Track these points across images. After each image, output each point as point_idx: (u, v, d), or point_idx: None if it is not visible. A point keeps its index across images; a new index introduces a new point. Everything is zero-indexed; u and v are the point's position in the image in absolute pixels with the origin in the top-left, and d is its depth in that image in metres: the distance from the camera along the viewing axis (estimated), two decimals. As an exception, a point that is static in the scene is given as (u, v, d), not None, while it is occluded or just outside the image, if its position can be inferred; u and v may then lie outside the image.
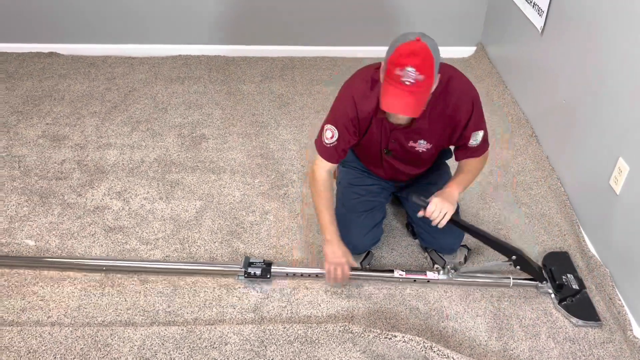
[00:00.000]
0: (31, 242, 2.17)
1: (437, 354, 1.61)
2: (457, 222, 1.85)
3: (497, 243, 1.92)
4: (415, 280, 1.99)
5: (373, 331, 1.70)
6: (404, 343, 1.66)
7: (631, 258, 1.92)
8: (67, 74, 3.33)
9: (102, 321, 1.88)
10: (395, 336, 1.67)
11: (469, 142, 1.85)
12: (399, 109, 1.57)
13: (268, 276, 1.99)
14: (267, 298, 1.98)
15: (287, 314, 1.93)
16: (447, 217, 1.78)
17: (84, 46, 3.52)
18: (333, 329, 1.75)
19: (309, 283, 2.04)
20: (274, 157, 2.70)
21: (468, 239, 2.12)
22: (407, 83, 1.51)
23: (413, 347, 1.65)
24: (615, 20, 2.05)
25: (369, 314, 1.93)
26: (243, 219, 2.33)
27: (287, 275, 2.02)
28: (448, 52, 3.61)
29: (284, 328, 1.77)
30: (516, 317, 1.93)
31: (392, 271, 1.99)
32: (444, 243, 2.08)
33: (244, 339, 1.75)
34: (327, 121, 1.85)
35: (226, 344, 1.74)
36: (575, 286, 1.96)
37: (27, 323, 1.85)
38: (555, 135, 2.59)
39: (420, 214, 1.81)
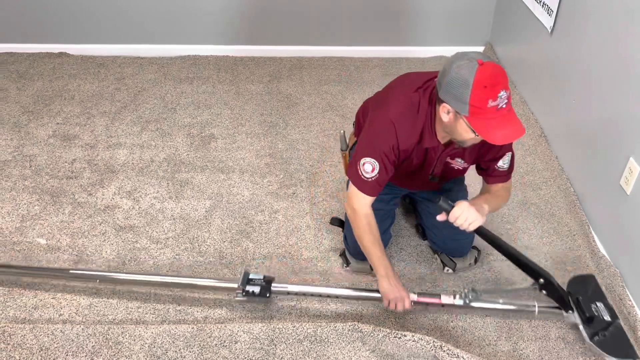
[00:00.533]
0: (42, 241, 2.19)
1: (447, 354, 1.61)
2: (482, 233, 1.72)
3: (524, 262, 1.74)
4: (427, 306, 1.82)
5: (382, 330, 1.70)
6: (413, 342, 1.66)
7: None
8: (77, 74, 3.36)
9: (113, 319, 1.89)
10: (405, 335, 1.67)
11: (498, 164, 1.75)
12: (514, 136, 1.45)
13: (267, 295, 1.85)
14: (277, 296, 1.99)
15: (296, 312, 1.93)
16: (474, 227, 1.63)
17: (93, 46, 3.55)
18: (342, 328, 1.76)
19: (318, 282, 2.05)
20: (283, 156, 2.71)
21: (478, 239, 2.11)
22: (504, 106, 1.42)
23: (423, 347, 1.65)
24: (625, 19, 2.04)
25: (378, 312, 1.93)
26: (252, 218, 2.34)
27: (288, 293, 1.90)
28: (455, 52, 3.62)
29: (294, 327, 1.78)
30: (525, 317, 1.93)
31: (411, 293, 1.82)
32: (454, 246, 2.05)
33: (254, 337, 1.76)
34: (364, 153, 1.66)
35: (236, 343, 1.75)
36: (607, 317, 1.75)
37: (39, 321, 1.87)
38: (564, 135, 2.58)
39: (441, 217, 1.67)
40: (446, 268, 2.06)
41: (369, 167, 1.65)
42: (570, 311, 1.77)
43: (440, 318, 1.92)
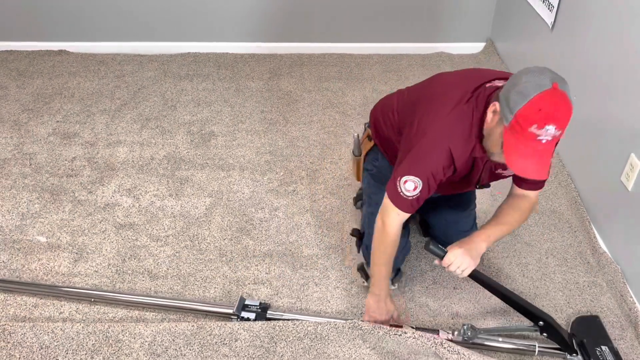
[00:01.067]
0: (42, 239, 2.19)
1: (448, 350, 1.60)
2: (476, 277, 1.67)
3: (523, 306, 1.72)
4: (442, 344, 1.69)
5: (383, 328, 1.70)
6: (414, 340, 1.66)
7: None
8: (76, 71, 3.35)
9: (113, 317, 1.89)
10: (406, 333, 1.67)
11: None
12: (533, 173, 1.34)
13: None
14: (277, 294, 1.99)
15: (297, 310, 1.93)
16: (466, 273, 1.60)
17: (93, 44, 3.54)
18: (342, 326, 1.75)
19: (317, 279, 2.05)
20: (283, 154, 2.70)
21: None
22: (544, 141, 1.28)
23: (423, 344, 1.65)
24: (626, 16, 2.03)
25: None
26: (252, 215, 2.34)
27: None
28: (457, 49, 3.61)
29: (294, 324, 1.77)
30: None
31: (400, 326, 1.77)
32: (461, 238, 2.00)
33: (254, 335, 1.76)
34: (409, 171, 1.52)
35: (236, 340, 1.75)
36: None
37: (39, 319, 1.87)
38: (566, 131, 2.56)
39: (437, 262, 1.63)
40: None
41: (411, 186, 1.52)
42: (574, 354, 1.73)
43: (441, 316, 1.92)
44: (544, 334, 1.74)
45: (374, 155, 1.95)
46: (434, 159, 1.50)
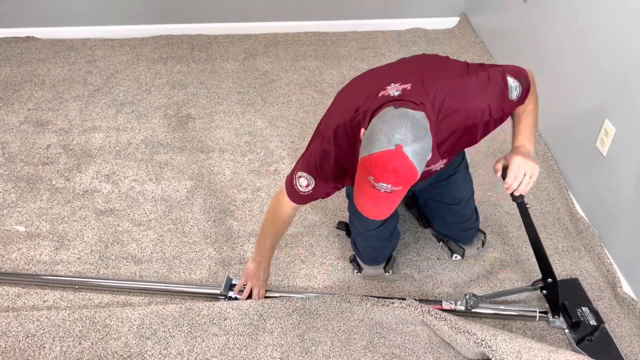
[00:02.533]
0: (21, 228, 2.15)
1: (435, 317, 1.64)
2: (524, 210, 1.63)
3: (543, 255, 1.71)
4: (430, 312, 1.71)
5: (370, 299, 1.72)
6: (401, 309, 1.68)
7: (618, 218, 1.96)
8: (46, 58, 3.26)
9: (99, 303, 1.87)
10: (393, 302, 1.69)
11: (511, 96, 1.54)
12: (371, 214, 1.32)
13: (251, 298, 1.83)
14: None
15: (284, 287, 1.94)
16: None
17: (61, 29, 3.44)
18: (330, 299, 1.77)
19: (303, 257, 2.06)
20: (263, 134, 2.69)
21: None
22: (382, 191, 1.25)
23: (411, 312, 1.67)
24: (598, -18, 2.06)
25: (364, 283, 1.95)
26: (235, 196, 2.33)
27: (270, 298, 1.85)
28: (432, 24, 3.61)
29: (282, 301, 1.78)
30: (509, 280, 1.97)
31: (404, 299, 1.78)
32: (461, 232, 1.99)
33: (243, 313, 1.77)
34: (302, 167, 1.52)
35: (225, 319, 1.76)
36: (592, 322, 1.76)
37: (23, 308, 1.85)
38: (541, 100, 2.59)
39: (505, 186, 1.53)
40: (454, 255, 2.03)
41: (304, 182, 1.53)
42: (556, 317, 1.78)
43: (426, 285, 1.95)
44: (544, 292, 1.76)
45: None
46: (327, 166, 1.49)
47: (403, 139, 1.22)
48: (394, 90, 1.41)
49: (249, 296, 1.83)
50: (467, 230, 2.00)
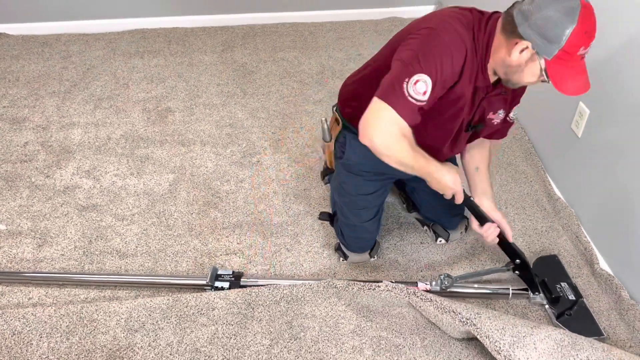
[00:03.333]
0: (2, 227, 2.12)
1: (421, 299, 1.67)
2: (472, 207, 1.76)
3: (506, 242, 1.79)
4: (415, 293, 1.74)
5: (357, 284, 1.74)
6: (387, 292, 1.71)
7: (594, 197, 2.02)
8: (19, 54, 3.20)
9: (86, 298, 1.87)
10: (379, 286, 1.72)
11: (511, 114, 1.63)
12: (584, 89, 1.33)
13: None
14: (250, 263, 2.00)
15: (270, 276, 1.96)
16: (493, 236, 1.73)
17: (34, 25, 3.37)
18: (317, 286, 1.79)
19: (289, 245, 2.07)
20: (244, 125, 2.69)
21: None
22: (585, 57, 1.30)
23: (397, 295, 1.71)
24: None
25: (350, 269, 1.98)
26: (218, 188, 2.33)
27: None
28: (408, 13, 3.64)
29: (269, 289, 1.80)
30: (490, 260, 2.02)
31: (380, 282, 1.79)
32: (448, 217, 2.02)
33: (231, 302, 1.78)
34: (422, 68, 1.32)
35: (213, 309, 1.76)
36: (571, 296, 1.81)
37: (8, 306, 1.83)
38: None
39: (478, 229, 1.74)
40: (439, 239, 2.06)
41: (422, 88, 1.31)
42: (537, 293, 1.82)
43: (410, 269, 1.99)
44: (517, 272, 1.81)
45: (342, 140, 1.76)
46: (450, 56, 1.34)
47: None
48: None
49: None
50: (454, 216, 2.04)
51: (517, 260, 1.80)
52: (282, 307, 1.77)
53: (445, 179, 1.53)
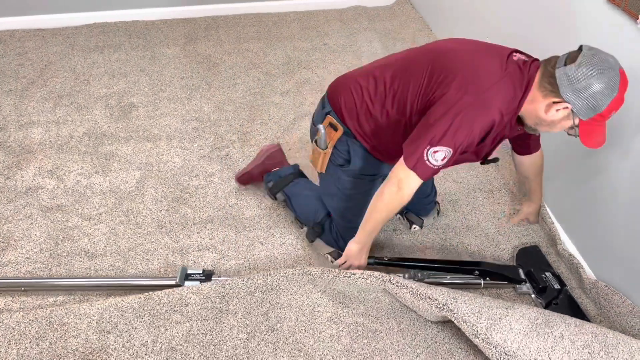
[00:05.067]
0: (-39, 232, 2.04)
1: (396, 286, 1.68)
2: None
3: (456, 264, 1.87)
4: (391, 280, 1.73)
5: (332, 271, 1.75)
6: (363, 279, 1.72)
7: (556, 177, 2.07)
8: (-29, 52, 3.07)
9: (54, 301, 1.81)
10: (354, 274, 1.73)
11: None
12: (602, 144, 1.47)
13: None
14: (223, 258, 1.98)
15: (245, 270, 1.94)
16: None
17: (-15, 21, 3.24)
18: (292, 274, 1.78)
19: (262, 239, 2.06)
20: (210, 119, 2.65)
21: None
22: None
23: (372, 282, 1.72)
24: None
25: (324, 260, 1.98)
26: (187, 184, 2.29)
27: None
28: (371, 1, 3.64)
29: (243, 280, 1.78)
30: (462, 245, 2.05)
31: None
32: (422, 204, 2.04)
33: (204, 297, 1.75)
34: (443, 141, 1.43)
35: (187, 305, 1.74)
36: (556, 285, 1.84)
37: (-28, 314, 1.76)
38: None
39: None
40: (414, 226, 2.08)
41: (441, 156, 1.45)
42: (523, 283, 1.85)
43: (388, 254, 2.00)
44: (487, 279, 1.85)
45: (344, 147, 1.73)
46: (477, 127, 1.44)
47: (614, 62, 1.38)
48: (521, 56, 1.51)
49: None
50: (428, 203, 2.07)
51: (475, 271, 1.86)
52: (258, 298, 1.76)
53: (351, 249, 1.74)
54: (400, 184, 1.53)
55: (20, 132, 2.52)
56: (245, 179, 2.23)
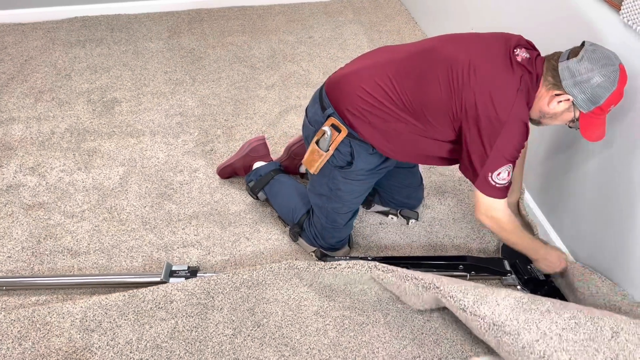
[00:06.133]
0: (-60, 232, 2.00)
1: (382, 271, 1.68)
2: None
3: (438, 262, 1.87)
4: (377, 266, 1.74)
5: (318, 264, 1.74)
6: (349, 269, 1.72)
7: (537, 166, 2.08)
8: (-52, 47, 3.01)
9: (37, 301, 1.79)
10: (340, 264, 1.72)
11: None
12: (601, 137, 1.52)
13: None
14: (209, 254, 1.97)
15: (231, 266, 1.93)
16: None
17: (-37, 15, 3.18)
18: (278, 268, 1.77)
19: (248, 234, 2.05)
20: (195, 113, 2.62)
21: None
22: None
23: (358, 271, 1.71)
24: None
25: (311, 256, 1.97)
26: (171, 179, 2.27)
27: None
28: (357, -7, 3.62)
29: (228, 275, 1.77)
30: (448, 237, 2.06)
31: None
32: (415, 199, 2.07)
33: (189, 293, 1.74)
34: (497, 164, 1.51)
35: (172, 302, 1.72)
36: (541, 277, 1.85)
37: (-48, 315, 1.73)
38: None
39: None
40: (411, 221, 2.08)
41: (505, 174, 1.53)
42: (508, 275, 1.86)
43: (371, 251, 2.00)
44: (472, 272, 1.85)
45: (347, 149, 1.70)
46: (520, 139, 1.52)
47: (615, 58, 1.42)
48: (523, 52, 1.52)
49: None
50: (418, 194, 2.08)
51: (460, 266, 1.86)
52: (243, 293, 1.74)
53: (551, 259, 1.77)
54: (489, 214, 1.62)
55: (0, 129, 2.48)
56: (227, 172, 2.22)
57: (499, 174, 1.53)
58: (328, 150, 1.70)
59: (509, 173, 1.54)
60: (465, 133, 1.54)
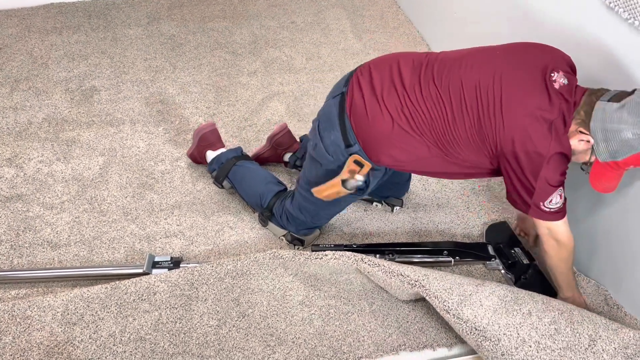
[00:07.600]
0: None
1: (369, 264, 1.68)
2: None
3: (424, 248, 1.88)
4: (363, 259, 1.73)
5: (303, 254, 1.73)
6: (335, 260, 1.71)
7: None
8: None
9: (17, 294, 1.75)
10: (326, 255, 1.71)
11: None
12: (610, 191, 1.51)
13: None
14: (192, 244, 1.94)
15: (214, 256, 1.91)
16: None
17: None
18: (262, 258, 1.75)
19: (232, 223, 2.02)
20: (176, 101, 2.58)
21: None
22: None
23: (344, 262, 1.70)
24: None
25: (281, 239, 1.96)
26: (152, 169, 2.23)
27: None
28: (339, -23, 3.57)
29: (212, 266, 1.75)
30: (432, 223, 2.06)
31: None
32: (402, 187, 2.06)
33: (173, 284, 1.72)
34: (549, 190, 1.47)
35: (155, 294, 1.70)
36: (525, 261, 1.86)
37: None
38: (449, 47, 2.68)
39: None
40: (395, 208, 2.08)
41: (557, 198, 1.49)
42: (492, 259, 1.87)
43: (356, 238, 1.99)
44: (457, 258, 1.86)
45: (365, 178, 1.66)
46: (563, 167, 1.47)
47: None
48: (561, 78, 1.43)
49: None
50: (405, 182, 2.07)
51: (445, 252, 1.87)
52: (228, 284, 1.73)
53: (579, 301, 1.70)
54: (553, 236, 1.57)
55: (-25, 119, 2.41)
56: (194, 160, 2.21)
57: (550, 201, 1.49)
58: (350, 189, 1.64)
59: (561, 195, 1.50)
60: (506, 167, 1.50)
